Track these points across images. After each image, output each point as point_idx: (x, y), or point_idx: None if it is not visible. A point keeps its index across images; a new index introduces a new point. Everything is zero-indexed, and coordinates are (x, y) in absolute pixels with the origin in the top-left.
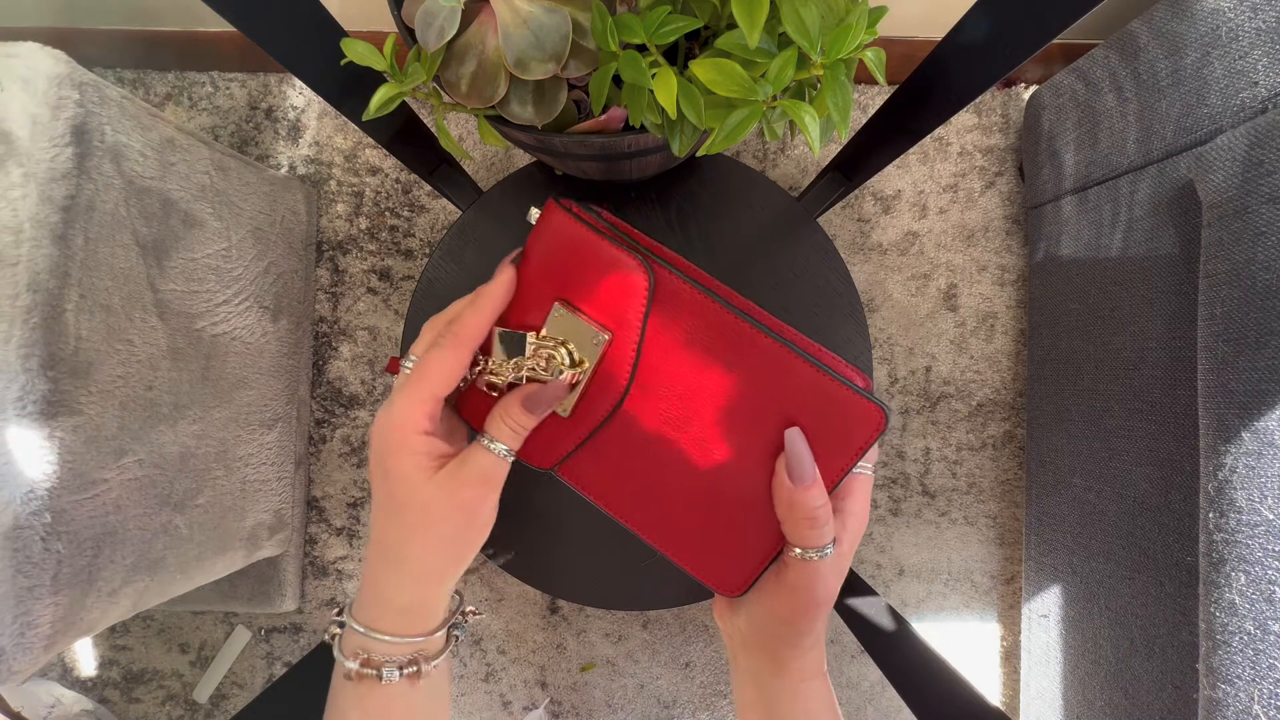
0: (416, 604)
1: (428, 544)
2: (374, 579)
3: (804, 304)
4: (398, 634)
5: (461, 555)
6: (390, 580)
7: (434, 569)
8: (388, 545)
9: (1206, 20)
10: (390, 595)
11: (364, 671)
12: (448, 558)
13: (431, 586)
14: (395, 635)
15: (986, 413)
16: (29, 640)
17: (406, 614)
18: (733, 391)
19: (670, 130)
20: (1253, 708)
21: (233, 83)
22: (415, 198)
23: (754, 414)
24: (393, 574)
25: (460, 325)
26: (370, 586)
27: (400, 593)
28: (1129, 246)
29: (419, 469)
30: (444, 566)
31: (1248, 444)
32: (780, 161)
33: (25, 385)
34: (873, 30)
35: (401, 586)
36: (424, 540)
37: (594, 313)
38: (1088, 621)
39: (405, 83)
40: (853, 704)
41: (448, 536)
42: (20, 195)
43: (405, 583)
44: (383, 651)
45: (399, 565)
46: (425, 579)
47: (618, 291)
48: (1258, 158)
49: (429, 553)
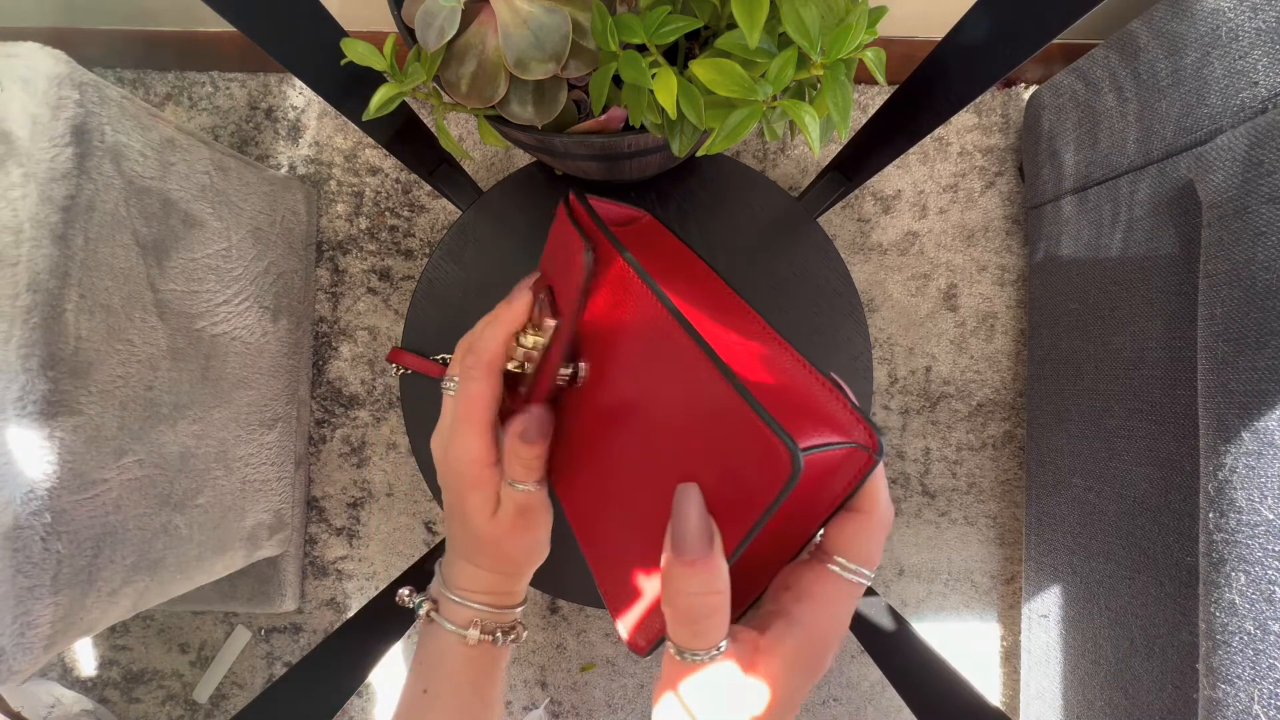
0: (503, 589)
1: (497, 563)
2: (464, 571)
3: (804, 304)
4: (503, 605)
5: (529, 563)
6: (478, 576)
7: (513, 573)
8: (470, 556)
9: (1206, 20)
10: (484, 583)
11: (483, 637)
12: (521, 565)
13: (514, 581)
14: (502, 606)
15: (986, 413)
16: (29, 640)
17: (499, 594)
18: (661, 405)
19: (670, 130)
20: (1253, 708)
21: (233, 83)
22: (415, 198)
23: (676, 437)
24: (481, 571)
25: (481, 351)
26: (462, 575)
27: (490, 582)
28: (1129, 246)
29: (482, 507)
30: (522, 570)
31: (1248, 444)
32: (780, 161)
33: (25, 385)
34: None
35: (490, 581)
36: (494, 559)
37: (560, 300)
38: (1088, 621)
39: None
40: (853, 704)
41: (515, 559)
42: (20, 195)
43: (493, 579)
44: (493, 620)
45: (485, 569)
46: (509, 578)
47: (570, 276)
48: (1258, 158)
49: (501, 564)
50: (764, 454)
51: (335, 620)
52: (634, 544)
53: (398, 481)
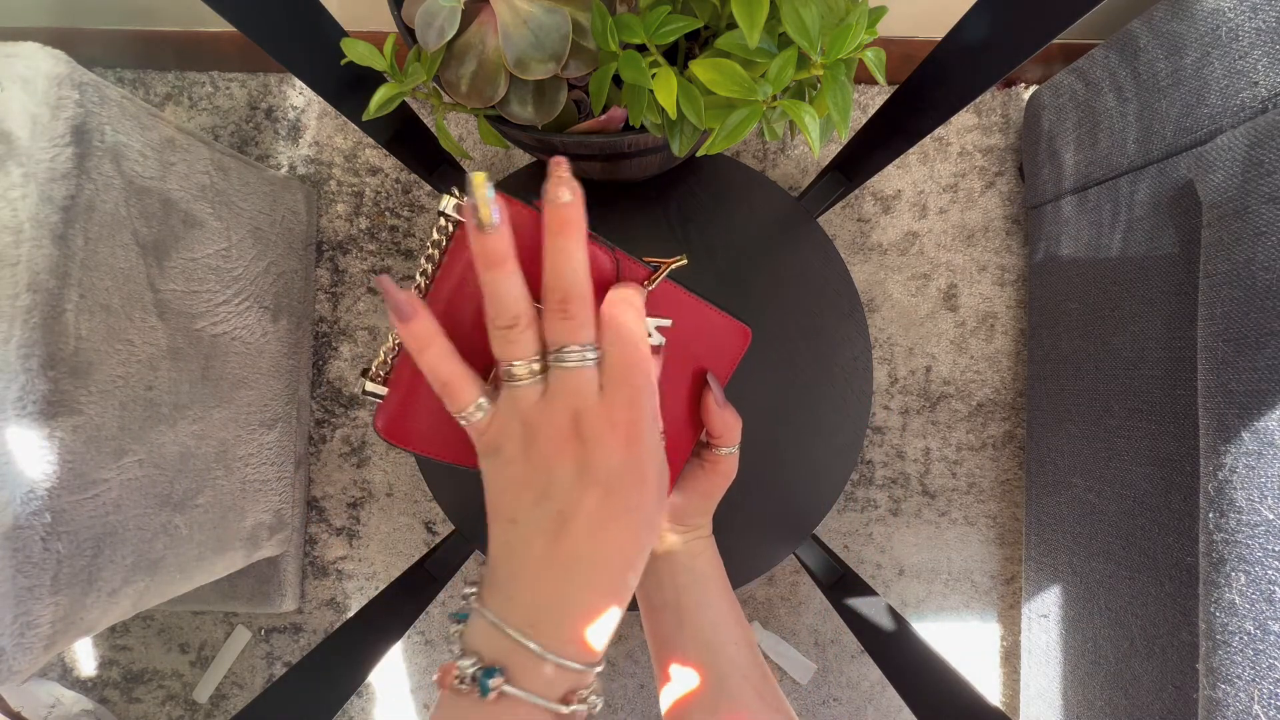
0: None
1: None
2: (583, 609)
3: (804, 304)
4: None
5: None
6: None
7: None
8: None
9: (1206, 20)
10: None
11: (576, 709)
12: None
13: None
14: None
15: (986, 413)
16: (29, 640)
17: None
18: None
19: (670, 130)
20: (1253, 708)
21: (233, 83)
22: (415, 198)
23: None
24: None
25: (630, 307)
26: (581, 617)
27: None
28: (1129, 246)
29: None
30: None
31: (1248, 444)
32: (780, 161)
33: (25, 385)
34: (873, 30)
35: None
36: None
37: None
38: (1088, 621)
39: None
40: (853, 704)
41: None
42: (20, 195)
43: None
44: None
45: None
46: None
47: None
48: (1258, 158)
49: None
50: (736, 330)
51: (335, 620)
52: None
53: (398, 481)
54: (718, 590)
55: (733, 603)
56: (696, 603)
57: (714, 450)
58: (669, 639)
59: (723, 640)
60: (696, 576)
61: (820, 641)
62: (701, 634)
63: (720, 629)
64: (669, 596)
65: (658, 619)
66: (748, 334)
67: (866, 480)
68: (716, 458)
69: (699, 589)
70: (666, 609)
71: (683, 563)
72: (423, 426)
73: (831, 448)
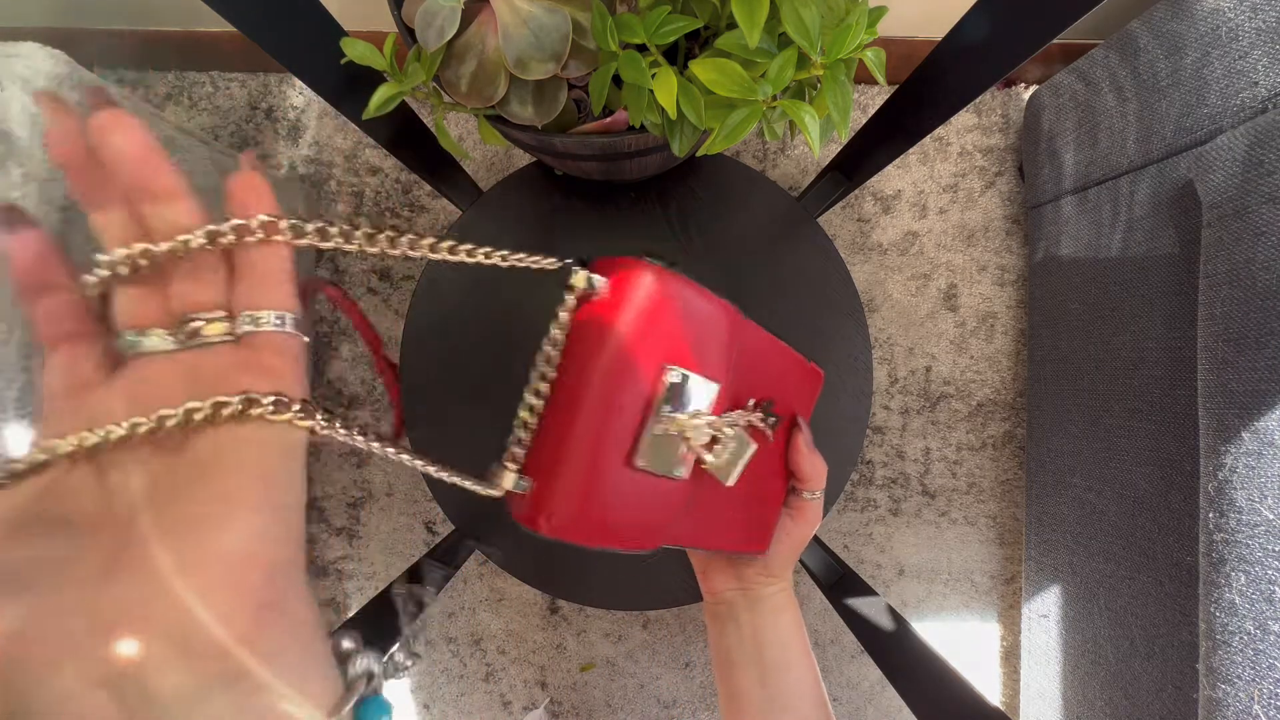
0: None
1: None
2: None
3: (804, 304)
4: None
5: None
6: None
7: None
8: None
9: (1206, 20)
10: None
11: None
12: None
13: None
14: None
15: (986, 413)
16: None
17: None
18: (752, 378)
19: (670, 130)
20: (1253, 708)
21: (233, 83)
22: (415, 198)
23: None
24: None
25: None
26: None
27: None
28: (1129, 246)
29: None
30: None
31: (1248, 444)
32: (780, 161)
33: (25, 385)
34: (873, 30)
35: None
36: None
37: (704, 369)
38: (1088, 621)
39: (405, 82)
40: (853, 704)
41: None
42: (20, 195)
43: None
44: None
45: None
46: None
47: (710, 338)
48: (1258, 158)
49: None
50: (811, 372)
51: (335, 620)
52: (754, 491)
53: (398, 481)
54: (798, 649)
55: (812, 663)
56: (778, 662)
57: (800, 495)
58: (747, 694)
59: (803, 710)
60: (780, 634)
61: (820, 641)
62: (782, 697)
63: (804, 700)
64: (750, 652)
65: (735, 674)
66: (820, 375)
67: (866, 480)
68: (803, 504)
69: (782, 649)
70: (748, 665)
71: (768, 620)
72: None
73: (831, 447)
